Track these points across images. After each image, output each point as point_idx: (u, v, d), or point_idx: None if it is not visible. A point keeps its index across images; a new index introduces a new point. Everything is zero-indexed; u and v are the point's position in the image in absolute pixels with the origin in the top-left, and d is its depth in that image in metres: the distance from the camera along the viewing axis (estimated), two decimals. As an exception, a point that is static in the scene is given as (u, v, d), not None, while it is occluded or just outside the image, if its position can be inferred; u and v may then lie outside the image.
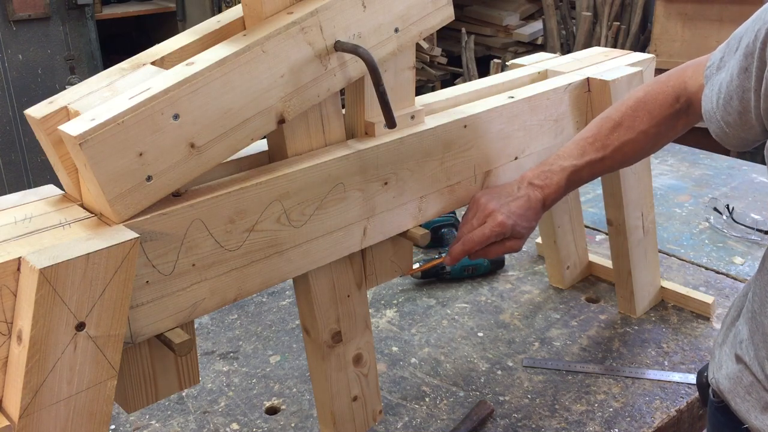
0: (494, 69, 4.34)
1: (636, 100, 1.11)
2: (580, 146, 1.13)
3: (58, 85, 3.95)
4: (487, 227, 1.09)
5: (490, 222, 1.09)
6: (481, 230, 1.09)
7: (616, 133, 1.11)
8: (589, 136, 1.13)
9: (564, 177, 1.12)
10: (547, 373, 1.41)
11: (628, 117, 1.11)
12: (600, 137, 1.12)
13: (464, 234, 1.11)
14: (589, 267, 1.76)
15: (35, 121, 0.83)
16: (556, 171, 1.13)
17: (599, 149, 1.12)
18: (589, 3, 4.64)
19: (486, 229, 1.09)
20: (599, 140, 1.12)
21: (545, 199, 1.12)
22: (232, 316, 1.62)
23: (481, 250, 1.12)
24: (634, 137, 1.11)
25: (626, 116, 1.11)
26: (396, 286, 1.73)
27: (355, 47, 0.95)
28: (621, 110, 1.12)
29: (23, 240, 0.77)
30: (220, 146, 0.87)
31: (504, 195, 1.12)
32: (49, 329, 0.72)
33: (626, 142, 1.11)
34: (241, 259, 0.93)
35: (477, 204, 1.13)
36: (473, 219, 1.12)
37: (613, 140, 1.11)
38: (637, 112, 1.10)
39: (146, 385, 0.92)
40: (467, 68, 4.95)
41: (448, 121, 1.13)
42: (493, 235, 1.09)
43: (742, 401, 0.94)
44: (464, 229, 1.12)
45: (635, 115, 1.10)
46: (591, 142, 1.13)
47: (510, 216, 1.09)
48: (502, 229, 1.09)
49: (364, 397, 1.20)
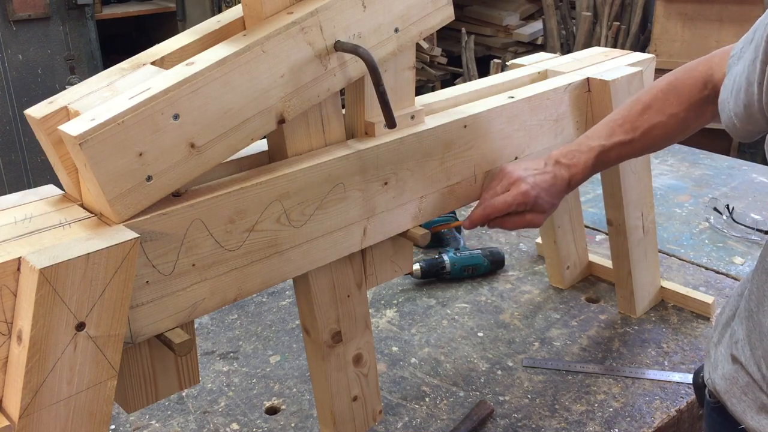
0: (494, 69, 4.34)
1: (666, 83, 1.11)
2: (609, 127, 1.13)
3: (58, 85, 3.95)
4: (510, 195, 1.09)
5: (514, 190, 1.09)
6: (503, 197, 1.09)
7: (645, 115, 1.11)
8: (618, 118, 1.13)
9: (592, 157, 1.12)
10: (547, 373, 1.41)
11: (659, 100, 1.10)
12: (630, 119, 1.12)
13: (486, 200, 1.11)
14: (589, 267, 1.76)
15: (35, 121, 0.83)
16: (584, 151, 1.12)
17: (628, 131, 1.11)
18: (589, 3, 4.64)
19: (509, 197, 1.09)
20: (629, 122, 1.12)
21: (571, 178, 1.12)
22: (232, 316, 1.62)
23: (500, 218, 1.11)
24: (664, 120, 1.10)
25: (656, 99, 1.10)
26: (396, 286, 1.73)
27: (355, 47, 0.95)
28: (651, 93, 1.12)
29: (23, 240, 0.77)
30: (220, 146, 0.87)
31: (531, 167, 1.12)
32: (49, 329, 0.72)
33: (656, 125, 1.10)
34: (241, 259, 0.93)
35: (503, 172, 1.13)
36: (497, 186, 1.11)
37: (642, 122, 1.11)
38: (668, 95, 1.10)
39: (146, 385, 0.92)
40: (467, 68, 4.95)
41: (448, 121, 1.13)
42: (515, 203, 1.08)
43: (738, 402, 0.94)
44: (487, 195, 1.12)
45: (666, 97, 1.10)
46: (620, 124, 1.12)
47: (535, 187, 1.09)
48: (525, 199, 1.08)
49: (364, 397, 1.20)
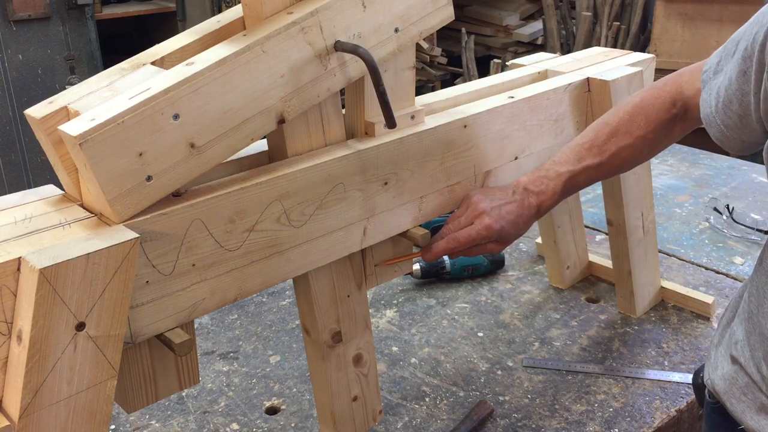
0: (494, 69, 4.34)
1: (633, 106, 1.11)
2: (576, 152, 1.12)
3: (58, 85, 3.94)
4: (474, 229, 1.08)
5: (478, 224, 1.08)
6: (467, 231, 1.09)
7: (613, 138, 1.10)
8: (585, 142, 1.12)
9: (560, 183, 1.12)
10: (547, 373, 1.41)
11: (625, 122, 1.10)
12: (597, 143, 1.11)
13: (450, 231, 1.10)
14: (589, 267, 1.76)
15: (35, 121, 0.83)
16: (552, 177, 1.12)
17: (596, 155, 1.11)
18: (589, 3, 4.64)
19: (472, 231, 1.08)
20: (596, 146, 1.11)
21: (540, 205, 1.12)
22: (232, 316, 1.62)
23: (463, 250, 1.11)
24: (631, 142, 1.10)
25: (623, 121, 1.10)
26: (396, 286, 1.73)
27: (355, 47, 0.95)
28: (618, 116, 1.11)
29: (23, 240, 0.77)
30: (220, 146, 0.87)
31: (498, 197, 1.11)
32: (49, 329, 0.72)
33: (623, 148, 1.10)
34: (241, 259, 0.93)
35: (469, 202, 1.12)
36: (461, 217, 1.11)
37: (610, 146, 1.11)
38: (634, 117, 1.10)
39: (146, 385, 0.92)
40: (467, 68, 4.95)
41: (448, 121, 1.13)
42: (479, 237, 1.08)
43: (738, 402, 0.94)
44: (451, 226, 1.11)
45: (632, 120, 1.10)
46: (588, 148, 1.12)
47: (499, 220, 1.08)
48: (489, 233, 1.08)
49: (364, 397, 1.20)
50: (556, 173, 1.12)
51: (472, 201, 1.11)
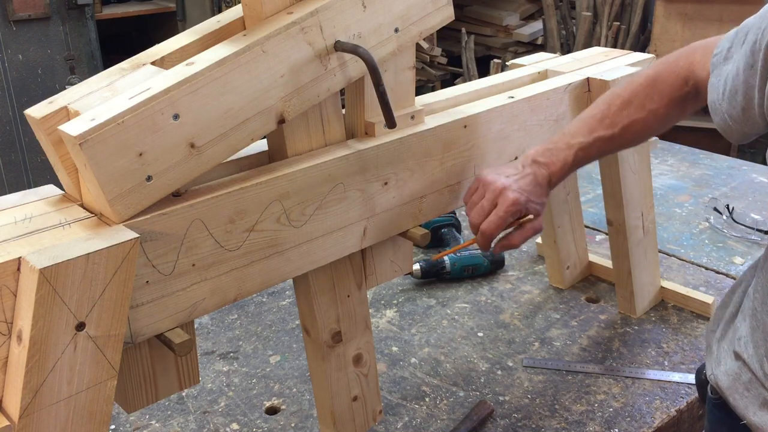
0: (494, 69, 4.34)
1: (646, 79, 1.09)
2: (588, 124, 1.11)
3: (58, 85, 3.94)
4: (501, 209, 1.05)
5: (503, 202, 1.05)
6: (495, 214, 1.05)
7: (625, 111, 1.09)
8: (597, 113, 1.11)
9: (571, 154, 1.10)
10: (547, 373, 1.41)
11: (639, 95, 1.09)
12: (609, 114, 1.10)
13: (475, 219, 1.07)
14: (589, 267, 1.76)
15: (35, 121, 0.83)
16: (563, 148, 1.10)
17: (608, 126, 1.10)
18: (589, 3, 4.64)
19: (500, 212, 1.04)
20: (608, 117, 1.10)
21: (551, 176, 1.10)
22: (232, 316, 1.62)
23: (504, 239, 1.08)
24: (644, 116, 1.09)
25: (636, 95, 1.09)
26: (396, 286, 1.73)
27: (355, 47, 0.95)
28: (630, 89, 1.10)
29: (23, 240, 0.77)
30: (220, 146, 0.87)
31: (509, 173, 1.09)
32: (49, 329, 0.72)
33: (636, 121, 1.09)
34: (241, 259, 0.93)
35: (483, 183, 1.08)
36: (483, 200, 1.07)
37: (622, 118, 1.09)
38: (649, 91, 1.08)
39: (146, 385, 0.92)
40: (467, 68, 4.95)
41: (448, 121, 1.13)
42: (508, 215, 1.05)
43: (741, 398, 0.94)
44: (475, 214, 1.07)
45: (646, 93, 1.08)
46: (600, 119, 1.10)
47: (522, 192, 1.06)
48: (517, 207, 1.05)
49: (364, 397, 1.20)
50: (567, 144, 1.10)
51: (486, 180, 1.07)
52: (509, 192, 1.05)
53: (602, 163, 1.48)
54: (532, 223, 1.09)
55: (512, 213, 1.05)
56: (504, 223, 1.06)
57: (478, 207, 1.07)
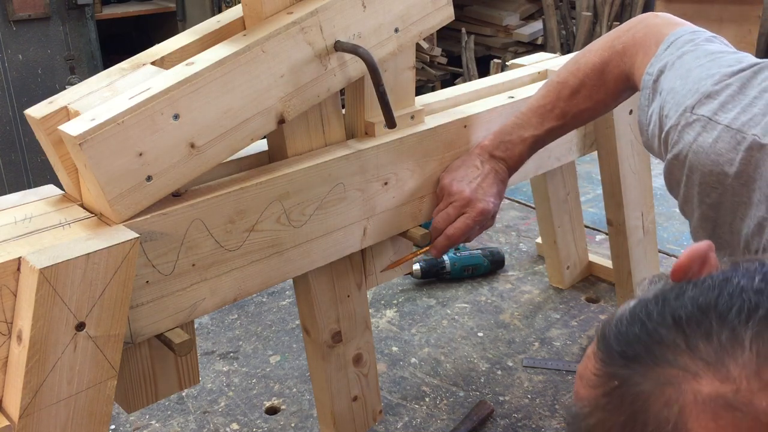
0: (494, 69, 4.34)
1: (593, 69, 1.10)
2: (539, 114, 1.14)
3: (58, 85, 3.94)
4: (470, 218, 1.10)
5: (471, 211, 1.10)
6: (463, 221, 1.10)
7: (574, 100, 1.11)
8: (547, 104, 1.13)
9: (525, 148, 1.14)
10: (547, 373, 1.41)
11: (586, 86, 1.11)
12: (559, 104, 1.12)
13: (440, 224, 1.12)
14: (589, 267, 1.76)
15: (35, 121, 0.83)
16: (517, 142, 1.14)
17: (558, 117, 1.13)
18: (589, 3, 4.64)
19: (469, 220, 1.10)
20: (559, 108, 1.12)
21: (510, 169, 1.15)
22: (232, 316, 1.62)
23: None
24: (591, 106, 1.12)
25: (584, 85, 1.11)
26: (396, 286, 1.73)
27: (355, 47, 0.95)
28: (578, 77, 1.11)
29: (23, 240, 0.77)
30: (220, 146, 0.87)
31: (470, 174, 1.12)
32: (49, 329, 0.72)
33: (584, 110, 1.12)
34: (241, 259, 0.93)
35: (448, 191, 1.12)
36: (449, 208, 1.12)
37: (572, 107, 1.12)
38: (595, 81, 1.10)
39: (146, 385, 0.92)
40: (467, 68, 4.95)
41: (448, 121, 1.13)
42: (476, 224, 1.10)
43: None
44: (440, 220, 1.12)
45: (593, 84, 1.10)
46: (550, 110, 1.13)
47: (487, 199, 1.11)
48: (485, 216, 1.11)
49: (364, 397, 1.20)
50: (520, 138, 1.14)
51: (452, 190, 1.12)
52: (478, 203, 1.11)
53: (602, 163, 1.48)
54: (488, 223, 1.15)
55: (479, 222, 1.11)
56: (469, 230, 1.11)
57: (443, 213, 1.12)
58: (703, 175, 0.82)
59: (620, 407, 0.54)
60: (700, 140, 0.83)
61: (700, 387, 0.50)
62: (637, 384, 0.53)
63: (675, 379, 0.51)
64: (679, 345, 0.52)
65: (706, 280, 0.56)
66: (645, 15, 1.09)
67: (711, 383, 0.50)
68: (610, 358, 0.56)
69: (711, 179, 0.82)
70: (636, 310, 0.57)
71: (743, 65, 0.85)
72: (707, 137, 0.82)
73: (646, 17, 1.08)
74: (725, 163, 0.80)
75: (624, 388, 0.54)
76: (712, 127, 0.82)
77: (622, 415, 0.54)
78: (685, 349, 0.52)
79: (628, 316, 0.57)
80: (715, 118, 0.82)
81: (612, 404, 0.55)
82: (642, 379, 0.53)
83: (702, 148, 0.82)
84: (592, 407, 0.56)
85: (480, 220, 1.10)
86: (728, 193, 0.81)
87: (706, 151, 0.82)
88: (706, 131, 0.82)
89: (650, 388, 0.52)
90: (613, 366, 0.55)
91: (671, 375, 0.52)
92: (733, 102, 0.82)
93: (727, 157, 0.80)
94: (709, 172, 0.82)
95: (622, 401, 0.54)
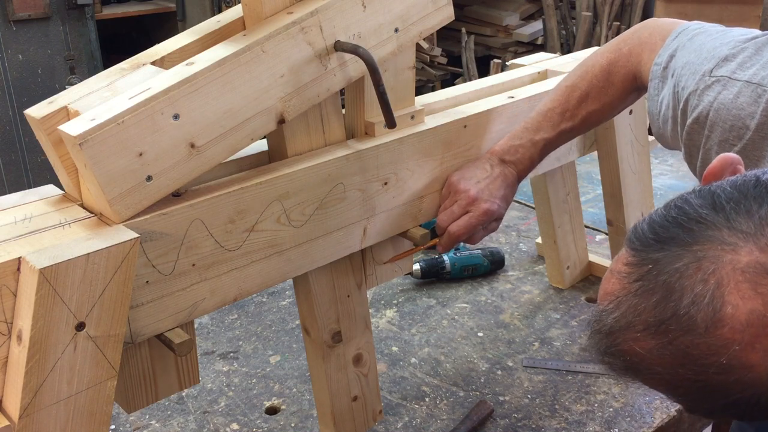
0: (494, 69, 4.35)
1: (601, 70, 1.12)
2: (550, 118, 1.15)
3: (58, 85, 3.94)
4: (474, 216, 1.10)
5: (475, 211, 1.10)
6: (467, 220, 1.10)
7: (584, 103, 1.13)
8: (557, 107, 1.14)
9: (537, 152, 1.15)
10: (547, 373, 1.41)
11: (595, 88, 1.12)
12: (569, 108, 1.14)
13: (444, 221, 1.12)
14: (589, 267, 1.76)
15: (35, 121, 0.83)
16: (527, 146, 1.14)
17: (569, 119, 1.14)
18: (589, 3, 4.64)
19: (473, 219, 1.10)
20: (569, 111, 1.14)
21: (519, 174, 1.15)
22: (232, 316, 1.62)
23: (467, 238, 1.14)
24: (599, 108, 1.13)
25: (593, 87, 1.12)
26: (396, 286, 1.73)
27: (355, 47, 0.95)
28: (587, 79, 1.13)
29: (23, 240, 0.77)
30: (220, 146, 0.87)
31: (479, 177, 1.13)
32: (49, 329, 0.72)
33: (593, 112, 1.13)
34: (241, 259, 0.93)
35: (455, 189, 1.13)
36: (453, 206, 1.12)
37: (581, 110, 1.13)
38: (603, 83, 1.12)
39: (146, 385, 0.92)
40: (467, 68, 4.96)
41: (448, 121, 1.13)
42: (480, 223, 1.10)
43: None
44: (444, 217, 1.12)
45: (601, 86, 1.12)
46: (560, 113, 1.14)
47: (493, 201, 1.11)
48: (489, 216, 1.10)
49: (364, 397, 1.20)
50: (531, 142, 1.14)
51: (459, 189, 1.12)
52: (483, 203, 1.10)
53: (602, 163, 1.48)
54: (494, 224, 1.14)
55: (484, 222, 1.11)
56: (473, 229, 1.11)
57: (448, 211, 1.12)
58: (724, 132, 0.83)
59: (653, 289, 0.54)
60: (721, 98, 0.84)
61: (739, 257, 0.50)
62: (671, 263, 0.53)
63: (712, 252, 0.52)
64: (718, 222, 0.53)
65: (739, 177, 0.58)
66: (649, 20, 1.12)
67: (750, 253, 0.50)
68: (644, 245, 0.57)
69: (731, 135, 0.83)
70: (671, 203, 0.58)
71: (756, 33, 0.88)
72: (727, 94, 0.83)
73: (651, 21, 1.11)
74: (747, 116, 0.81)
75: (658, 267, 0.54)
76: (732, 84, 0.84)
77: (655, 296, 0.53)
78: (724, 224, 0.53)
79: (662, 209, 0.58)
80: (735, 76, 0.84)
81: (644, 287, 0.55)
82: (676, 259, 0.53)
83: (723, 104, 0.84)
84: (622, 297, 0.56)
85: (484, 220, 1.10)
86: (748, 148, 0.82)
87: (727, 107, 0.83)
88: (726, 89, 0.84)
89: (685, 264, 0.52)
90: (647, 251, 0.56)
91: (708, 249, 0.52)
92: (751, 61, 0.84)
93: (748, 111, 0.81)
94: (730, 127, 0.83)
95: (655, 282, 0.54)
